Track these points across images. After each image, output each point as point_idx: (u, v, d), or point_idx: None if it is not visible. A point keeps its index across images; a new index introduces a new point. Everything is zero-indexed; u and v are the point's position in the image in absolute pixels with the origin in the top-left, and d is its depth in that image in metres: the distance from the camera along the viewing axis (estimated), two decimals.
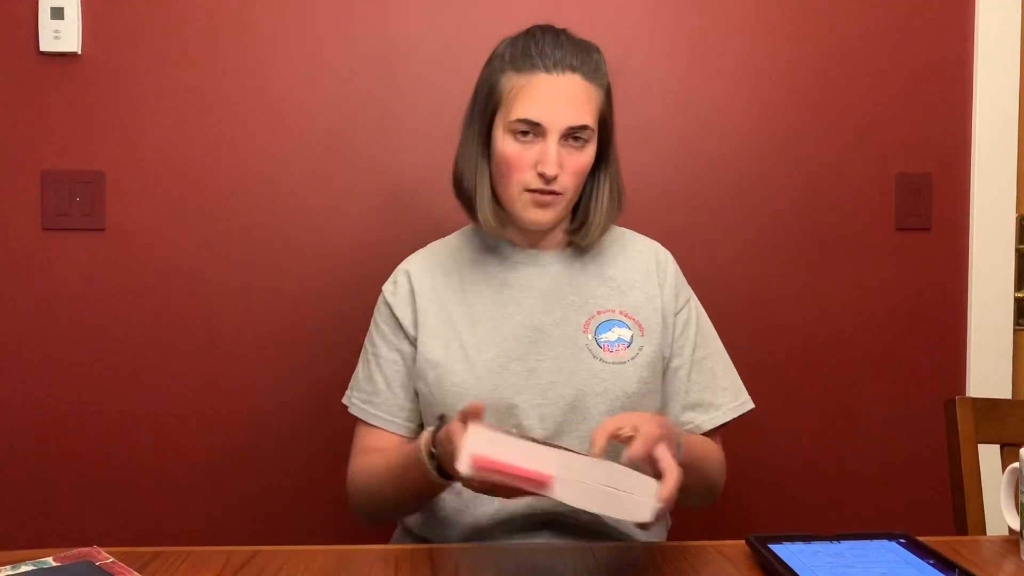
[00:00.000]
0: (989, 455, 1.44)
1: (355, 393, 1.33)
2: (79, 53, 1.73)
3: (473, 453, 0.86)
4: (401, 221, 1.78)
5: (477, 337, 1.25)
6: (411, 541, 1.31)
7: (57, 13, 1.71)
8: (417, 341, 1.28)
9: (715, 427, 1.31)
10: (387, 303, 1.32)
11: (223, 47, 1.75)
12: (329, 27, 1.77)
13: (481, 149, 1.26)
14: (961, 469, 1.34)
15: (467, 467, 0.85)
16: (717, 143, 1.82)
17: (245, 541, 1.74)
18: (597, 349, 1.24)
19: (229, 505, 1.78)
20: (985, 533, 1.32)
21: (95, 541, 1.75)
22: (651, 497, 0.88)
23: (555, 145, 1.20)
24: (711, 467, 1.25)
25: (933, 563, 0.96)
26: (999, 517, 1.14)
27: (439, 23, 1.78)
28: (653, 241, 1.37)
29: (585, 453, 0.96)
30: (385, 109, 1.78)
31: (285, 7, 1.76)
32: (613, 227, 1.36)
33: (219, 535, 1.76)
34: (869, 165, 1.84)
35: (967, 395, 1.75)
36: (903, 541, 1.03)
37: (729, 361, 1.35)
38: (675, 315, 1.30)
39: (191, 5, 1.75)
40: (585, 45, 1.25)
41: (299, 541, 1.73)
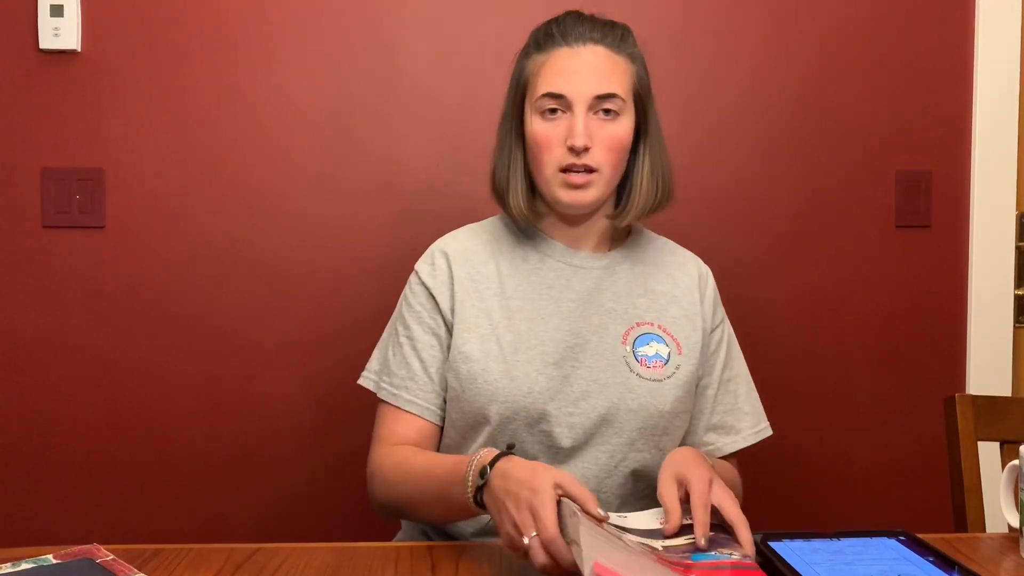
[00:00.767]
0: (989, 452, 1.44)
1: (386, 378, 1.25)
2: (79, 51, 1.73)
3: (597, 560, 0.81)
4: (402, 217, 1.78)
5: (513, 335, 1.20)
6: (417, 537, 1.29)
7: (57, 11, 1.71)
8: (453, 328, 1.22)
9: (733, 451, 1.30)
10: (423, 284, 1.25)
11: (223, 44, 1.75)
12: (330, 24, 1.76)
13: (515, 140, 1.24)
14: (961, 466, 1.34)
15: (589, 572, 0.80)
16: (716, 142, 1.82)
17: (245, 539, 1.74)
18: (635, 363, 1.21)
19: (230, 503, 1.78)
20: (985, 530, 1.32)
21: (95, 539, 1.75)
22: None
23: (583, 116, 1.17)
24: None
25: (933, 560, 0.96)
26: (999, 514, 1.14)
27: (442, 22, 1.78)
28: (693, 255, 1.34)
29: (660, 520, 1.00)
30: (387, 106, 1.78)
31: (286, 3, 1.76)
32: (655, 236, 1.34)
33: (219, 533, 1.76)
34: (869, 162, 1.84)
35: (967, 392, 1.75)
36: (903, 538, 1.03)
37: (752, 385, 1.33)
38: (710, 333, 1.29)
39: (191, 3, 1.75)
40: (611, 22, 1.23)
41: (300, 539, 1.73)
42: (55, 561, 0.97)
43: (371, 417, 1.28)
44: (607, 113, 1.19)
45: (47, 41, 1.71)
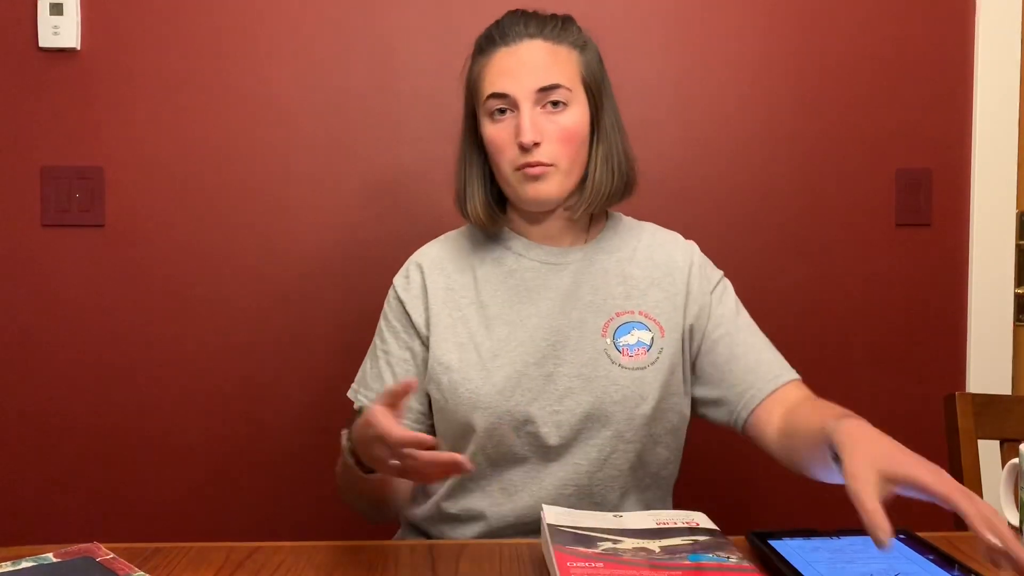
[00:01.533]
0: (989, 451, 1.44)
1: (361, 389, 1.28)
2: (78, 49, 1.73)
3: (558, 551, 0.81)
4: (403, 217, 1.78)
5: (492, 341, 1.21)
6: (417, 538, 1.29)
7: (56, 9, 1.71)
8: (429, 341, 1.24)
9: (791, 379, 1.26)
10: (399, 298, 1.27)
11: (222, 43, 1.75)
12: (329, 23, 1.76)
13: (471, 148, 1.26)
14: (961, 465, 1.34)
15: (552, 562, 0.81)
16: (717, 140, 1.82)
17: (245, 538, 1.74)
18: (616, 354, 1.20)
19: (229, 501, 1.78)
20: None
21: (95, 537, 1.75)
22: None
23: (528, 112, 1.17)
24: None
25: (933, 559, 0.96)
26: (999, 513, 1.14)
27: (437, 18, 1.77)
28: (675, 233, 1.32)
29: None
30: (384, 104, 1.77)
31: (286, 2, 1.76)
32: (634, 222, 1.33)
33: (220, 532, 1.76)
34: (869, 161, 1.84)
35: (967, 391, 1.75)
36: (903, 537, 1.03)
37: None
38: (710, 294, 1.27)
39: (191, 2, 1.75)
40: (551, 15, 1.22)
41: (300, 538, 1.73)
42: (55, 559, 0.97)
43: None
44: (555, 105, 1.18)
45: (47, 39, 1.71)
